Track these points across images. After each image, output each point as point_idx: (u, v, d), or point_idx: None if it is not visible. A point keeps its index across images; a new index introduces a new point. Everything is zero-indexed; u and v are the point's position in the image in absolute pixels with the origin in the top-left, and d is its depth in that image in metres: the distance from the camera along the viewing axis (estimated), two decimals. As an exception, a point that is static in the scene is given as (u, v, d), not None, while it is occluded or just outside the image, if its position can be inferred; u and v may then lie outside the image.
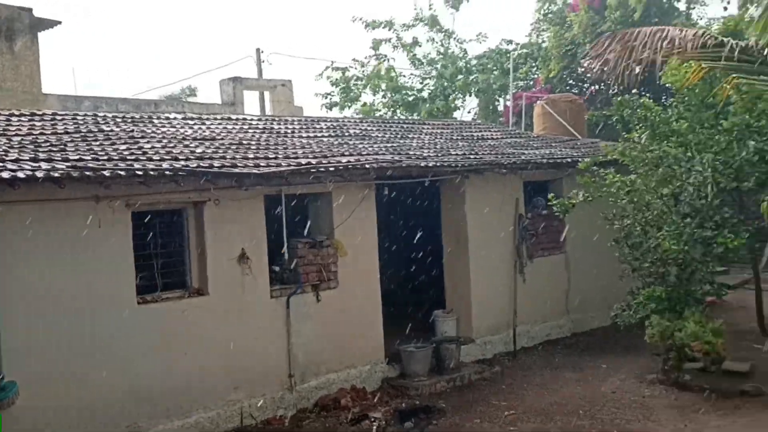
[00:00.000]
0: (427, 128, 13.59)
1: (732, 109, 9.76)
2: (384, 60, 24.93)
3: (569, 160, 11.00)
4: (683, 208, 8.91)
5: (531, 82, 23.40)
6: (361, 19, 24.87)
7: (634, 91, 10.71)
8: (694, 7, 21.41)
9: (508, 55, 22.90)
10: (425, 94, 24.66)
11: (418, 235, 11.40)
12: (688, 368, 8.55)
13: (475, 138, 12.94)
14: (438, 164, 9.36)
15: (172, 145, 8.12)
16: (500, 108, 23.98)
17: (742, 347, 10.07)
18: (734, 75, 9.90)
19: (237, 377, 7.68)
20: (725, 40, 9.14)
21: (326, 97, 24.89)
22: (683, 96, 9.86)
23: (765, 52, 9.20)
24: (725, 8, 20.95)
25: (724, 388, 8.21)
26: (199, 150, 7.97)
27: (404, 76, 25.31)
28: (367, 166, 8.53)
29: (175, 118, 10.46)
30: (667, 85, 11.31)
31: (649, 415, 7.58)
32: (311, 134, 10.81)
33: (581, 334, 11.42)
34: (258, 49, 23.99)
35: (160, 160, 7.10)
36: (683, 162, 9.17)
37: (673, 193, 9.15)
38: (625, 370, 9.23)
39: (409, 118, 21.51)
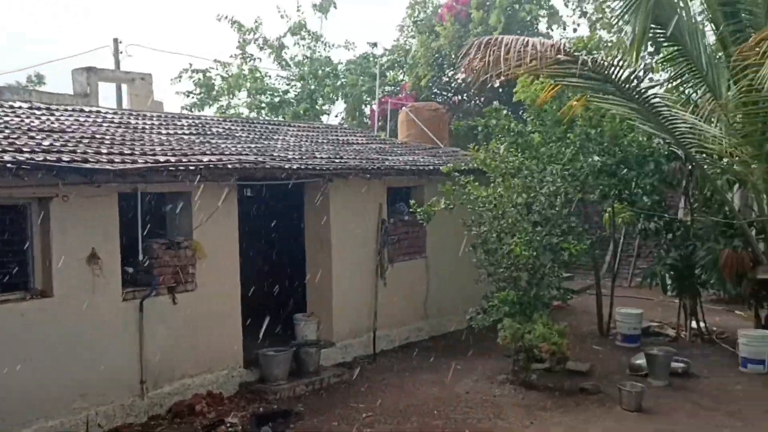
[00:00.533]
0: (293, 130, 13.55)
1: (578, 122, 10.48)
2: (250, 60, 24.64)
3: (431, 167, 11.36)
4: (534, 217, 9.46)
5: (398, 88, 23.94)
6: (227, 17, 24.48)
7: (495, 102, 11.30)
8: (553, 28, 22.76)
9: (376, 60, 23.30)
10: (291, 96, 24.61)
11: (282, 239, 11.33)
12: (536, 368, 9.06)
13: (341, 142, 13.06)
14: (302, 167, 9.35)
15: (15, 136, 7.58)
16: (367, 112, 24.35)
17: (584, 348, 10.85)
18: (583, 93, 10.69)
19: (84, 384, 7.28)
20: (578, 55, 9.84)
21: (188, 96, 24.27)
22: (537, 111, 10.49)
23: (613, 73, 10.00)
24: (575, 30, 22.41)
25: (566, 387, 8.80)
26: (46, 142, 7.48)
27: (269, 77, 25.14)
28: (229, 166, 8.37)
29: (20, 107, 9.76)
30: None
31: (498, 414, 7.96)
32: (171, 131, 10.45)
33: (439, 337, 11.81)
34: (116, 39, 22.94)
35: (1, 152, 6.61)
36: (536, 173, 9.76)
37: (526, 202, 9.69)
38: (478, 372, 9.63)
39: (274, 119, 21.34)
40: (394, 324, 11.18)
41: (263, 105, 24.49)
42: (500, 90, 17.22)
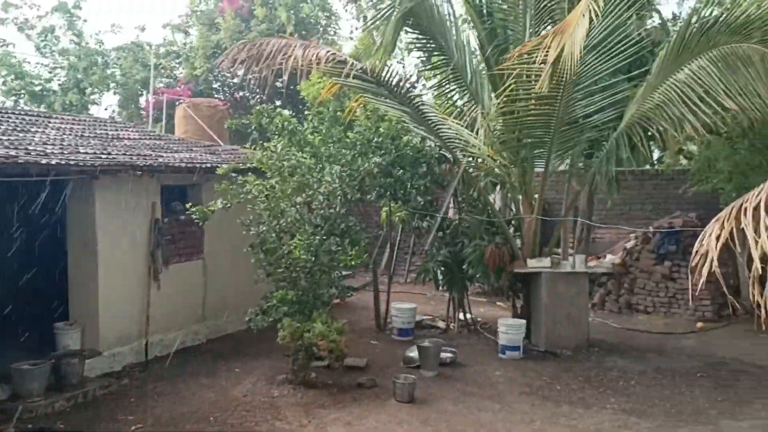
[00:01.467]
0: (55, 122, 12.44)
1: (357, 124, 10.79)
2: (4, 44, 22.33)
3: (209, 165, 11.03)
4: (314, 218, 9.56)
5: (175, 80, 23.04)
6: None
7: (278, 102, 11.25)
8: (331, 27, 23.25)
9: (150, 49, 22.22)
10: (56, 85, 22.65)
11: (43, 242, 10.33)
12: (315, 366, 9.16)
13: (110, 137, 12.22)
14: (63, 162, 8.59)
15: None
16: (142, 104, 23.13)
17: (362, 344, 11.18)
18: (361, 94, 11.05)
19: None
20: (348, 59, 10.15)
21: None
22: (318, 110, 10.63)
23: (383, 76, 10.44)
24: (351, 37, 23.18)
25: (344, 383, 9.01)
26: None
27: (29, 63, 22.96)
28: (-27, 159, 7.46)
29: None
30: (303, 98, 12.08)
31: (277, 415, 7.93)
32: None
33: (217, 339, 11.52)
34: None
35: None
36: (315, 172, 9.88)
37: (306, 201, 9.77)
38: (257, 373, 9.53)
39: (34, 110, 19.49)
40: (170, 328, 10.70)
41: (22, 93, 22.27)
42: (283, 90, 17.26)
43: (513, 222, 11.77)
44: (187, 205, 9.83)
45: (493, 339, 11.11)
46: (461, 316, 12.32)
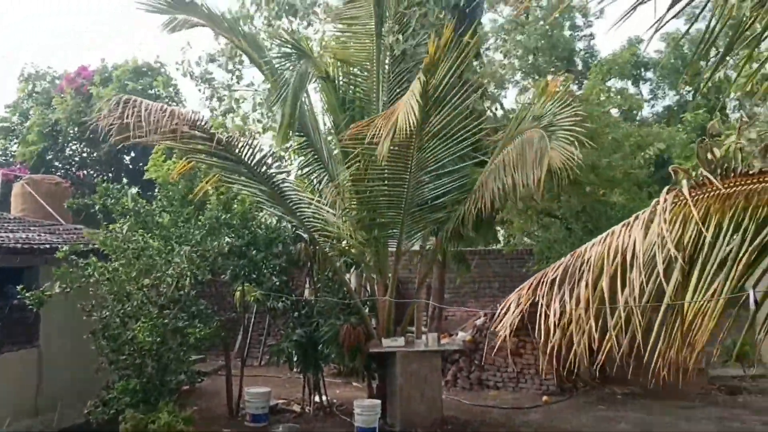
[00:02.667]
0: None
1: (209, 205, 10.66)
2: None
3: (48, 246, 10.40)
4: (161, 300, 9.21)
5: (11, 158, 21.82)
6: None
7: (125, 180, 10.88)
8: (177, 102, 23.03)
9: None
10: None
11: None
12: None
13: (-65, 215, 11.28)
14: None
15: None
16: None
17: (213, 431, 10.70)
18: (216, 173, 10.96)
19: None
20: (214, 133, 10.11)
21: None
22: (167, 190, 10.40)
23: (246, 156, 10.44)
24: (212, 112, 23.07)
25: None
26: None
27: None
28: None
29: None
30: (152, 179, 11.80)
31: None
32: None
33: (52, 435, 10.59)
34: None
35: None
36: (163, 254, 9.57)
37: (153, 284, 9.40)
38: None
39: None
40: (-4, 426, 9.74)
41: None
42: (130, 165, 16.77)
43: (368, 302, 11.92)
44: (20, 288, 9.16)
45: (349, 421, 11.01)
46: (317, 398, 12.14)
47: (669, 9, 3.68)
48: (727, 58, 4.28)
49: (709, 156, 3.92)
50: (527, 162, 9.17)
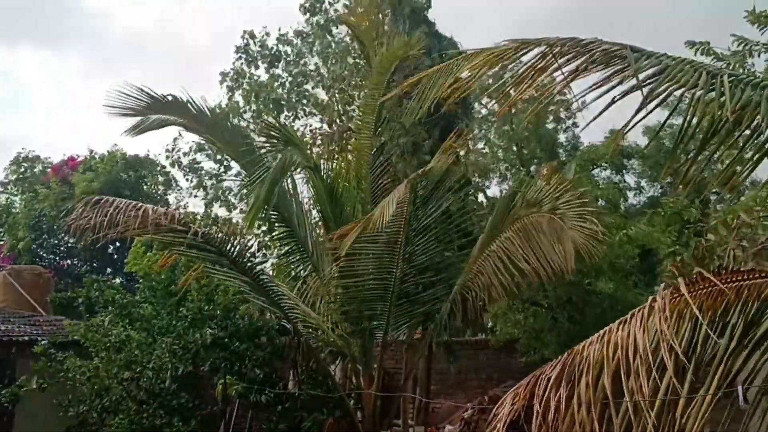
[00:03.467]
0: None
1: (191, 297, 10.50)
2: None
3: (27, 338, 10.14)
4: (141, 394, 8.91)
5: (-5, 243, 21.67)
6: None
7: (109, 271, 10.75)
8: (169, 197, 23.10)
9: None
10: None
11: None
12: None
13: None
14: None
15: None
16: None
17: None
18: (198, 264, 10.85)
19: None
20: (193, 227, 10.04)
21: None
22: (150, 281, 10.26)
23: (227, 248, 10.38)
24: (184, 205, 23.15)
25: None
26: None
27: None
28: None
29: None
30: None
31: None
32: None
33: None
34: None
35: None
36: (145, 346, 9.33)
37: (133, 377, 9.12)
38: None
39: None
40: None
41: None
42: (115, 256, 16.65)
43: (353, 395, 11.60)
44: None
45: None
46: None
47: (639, 109, 3.73)
48: (706, 152, 4.31)
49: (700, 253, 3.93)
50: (543, 246, 9.17)
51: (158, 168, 21.84)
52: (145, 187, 21.82)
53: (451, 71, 4.54)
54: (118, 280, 10.19)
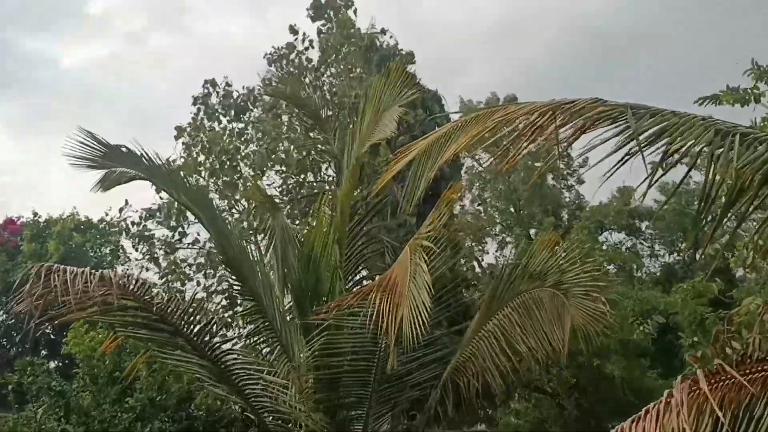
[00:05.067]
0: None
1: (140, 384, 10.24)
2: None
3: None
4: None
5: None
6: None
7: (44, 353, 10.51)
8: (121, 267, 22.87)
9: None
10: None
11: None
12: None
13: None
14: None
15: None
16: None
17: None
18: (149, 347, 10.59)
19: None
20: (147, 300, 9.86)
21: None
22: (91, 366, 10.02)
23: (185, 325, 10.18)
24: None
25: None
26: None
27: None
28: None
29: None
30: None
31: None
32: None
33: None
34: None
35: None
36: (83, 443, 9.06)
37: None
38: None
39: None
40: None
41: None
42: (51, 336, 16.32)
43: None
44: None
45: None
46: None
47: (653, 171, 3.74)
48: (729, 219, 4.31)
49: (725, 341, 3.90)
50: (544, 325, 9.13)
51: (103, 237, 21.64)
52: (92, 254, 21.54)
53: (448, 140, 4.66)
54: (53, 364, 9.92)
